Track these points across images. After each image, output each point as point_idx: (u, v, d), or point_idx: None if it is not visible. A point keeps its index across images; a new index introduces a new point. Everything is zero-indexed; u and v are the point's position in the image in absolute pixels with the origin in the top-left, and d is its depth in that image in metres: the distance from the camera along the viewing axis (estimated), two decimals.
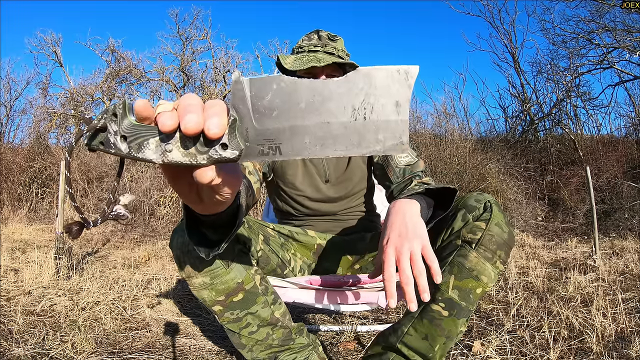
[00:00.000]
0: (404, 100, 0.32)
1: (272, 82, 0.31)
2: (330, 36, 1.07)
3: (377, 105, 0.31)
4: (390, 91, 0.31)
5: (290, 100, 0.31)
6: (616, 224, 3.89)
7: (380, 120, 0.31)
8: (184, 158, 0.31)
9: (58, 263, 2.06)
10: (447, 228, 0.80)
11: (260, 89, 0.31)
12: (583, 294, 1.75)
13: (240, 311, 0.79)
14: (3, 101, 6.37)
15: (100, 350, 1.26)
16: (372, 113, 0.31)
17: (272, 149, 0.32)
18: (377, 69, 0.31)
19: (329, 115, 0.31)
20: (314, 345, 0.91)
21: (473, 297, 0.73)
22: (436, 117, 6.34)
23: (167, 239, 3.56)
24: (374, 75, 0.31)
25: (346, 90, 0.31)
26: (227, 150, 0.31)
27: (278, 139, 0.31)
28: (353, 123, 0.31)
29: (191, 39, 6.69)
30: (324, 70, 1.04)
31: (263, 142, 0.31)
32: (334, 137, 0.31)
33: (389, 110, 0.32)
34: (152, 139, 0.31)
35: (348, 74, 0.32)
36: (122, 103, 0.32)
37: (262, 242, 0.90)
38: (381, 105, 0.31)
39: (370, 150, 0.31)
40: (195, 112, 0.31)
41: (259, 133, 0.31)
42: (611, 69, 5.76)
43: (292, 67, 1.01)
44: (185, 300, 1.81)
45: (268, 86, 0.31)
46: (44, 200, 4.82)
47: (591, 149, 5.42)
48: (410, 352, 0.78)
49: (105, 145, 0.32)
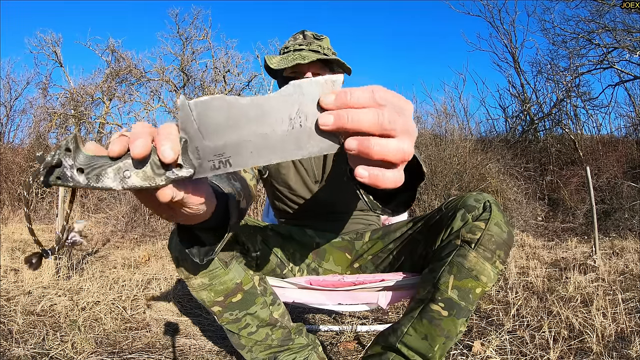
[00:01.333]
0: None
1: (215, 102, 0.34)
2: (316, 35, 1.09)
3: (310, 114, 0.34)
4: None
5: (233, 118, 0.34)
6: (616, 224, 3.89)
7: (314, 125, 0.34)
8: (143, 182, 0.34)
9: (58, 263, 2.06)
10: (446, 228, 0.80)
11: (204, 109, 0.34)
12: (583, 294, 1.75)
13: (239, 312, 0.80)
14: (3, 101, 6.38)
15: (100, 350, 1.26)
16: (307, 120, 0.34)
17: (223, 162, 0.35)
18: (307, 80, 0.34)
19: (269, 126, 0.34)
20: (313, 346, 0.91)
21: (472, 297, 0.73)
22: (436, 117, 6.34)
23: (167, 239, 3.56)
24: (305, 86, 0.34)
25: (283, 103, 0.34)
26: (182, 169, 0.34)
27: (226, 153, 0.35)
28: (290, 131, 0.34)
29: (191, 39, 6.69)
30: (310, 68, 1.04)
31: (213, 158, 0.35)
32: (274, 146, 0.34)
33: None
34: (109, 168, 0.33)
35: (282, 88, 0.34)
36: (74, 137, 0.33)
37: (260, 242, 0.90)
38: (313, 113, 0.34)
39: (309, 152, 0.34)
40: (142, 136, 0.33)
41: (208, 150, 0.34)
42: (611, 69, 5.76)
43: (277, 67, 1.03)
44: (185, 300, 1.81)
45: (211, 107, 0.34)
46: (44, 200, 4.82)
47: (591, 149, 5.42)
48: (409, 352, 0.78)
49: (62, 179, 0.33)
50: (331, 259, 1.07)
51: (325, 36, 1.11)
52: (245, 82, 6.49)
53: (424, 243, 0.89)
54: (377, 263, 1.01)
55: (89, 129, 6.44)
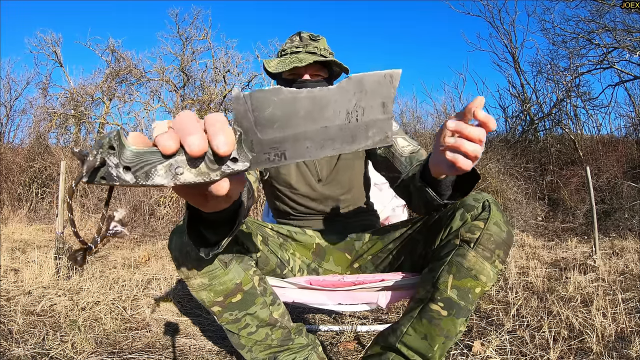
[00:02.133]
0: (389, 100, 0.35)
1: (272, 95, 0.33)
2: (312, 36, 1.10)
3: (367, 107, 0.34)
4: (378, 94, 0.35)
5: (291, 111, 0.33)
6: (616, 224, 3.89)
7: (370, 119, 0.35)
8: (196, 177, 0.32)
9: (58, 263, 2.06)
10: (445, 227, 0.80)
11: (260, 102, 0.33)
12: (583, 294, 1.75)
13: (239, 312, 0.80)
14: (3, 101, 6.38)
15: (100, 350, 1.26)
16: (363, 115, 0.34)
17: (278, 155, 0.34)
18: (367, 75, 0.34)
19: (326, 120, 0.34)
20: (313, 346, 0.91)
21: (472, 296, 0.73)
22: (436, 117, 6.34)
23: (167, 239, 3.57)
24: (365, 81, 0.34)
25: (340, 97, 0.34)
26: (237, 163, 0.33)
27: (282, 146, 0.34)
28: (347, 125, 0.34)
29: (191, 39, 6.69)
30: (307, 70, 1.05)
31: (269, 151, 0.34)
32: (331, 139, 0.34)
33: (377, 111, 0.35)
34: (159, 165, 0.32)
35: (341, 82, 0.34)
36: (117, 134, 0.32)
37: (260, 242, 0.90)
38: (370, 107, 0.35)
39: (362, 146, 0.35)
40: (195, 132, 0.31)
41: (264, 143, 0.34)
42: (611, 69, 5.75)
43: (275, 70, 1.03)
44: (185, 300, 1.81)
45: (268, 99, 0.33)
46: (44, 200, 4.82)
47: (591, 149, 5.42)
48: (409, 352, 0.78)
49: (107, 179, 0.32)
50: (331, 259, 1.07)
51: (322, 37, 1.11)
52: (246, 82, 6.48)
53: (423, 243, 0.89)
54: (376, 263, 1.01)
55: (89, 129, 6.44)
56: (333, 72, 1.12)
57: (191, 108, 6.11)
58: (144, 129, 5.69)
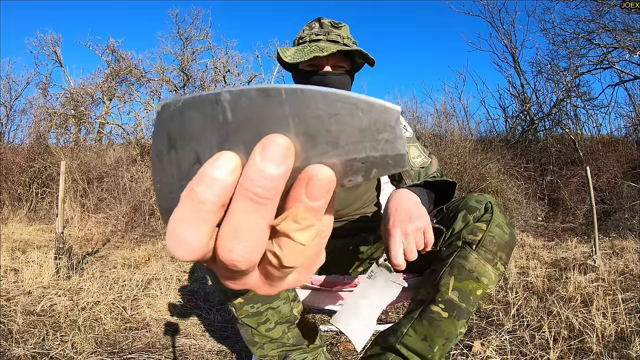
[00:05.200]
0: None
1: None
2: (334, 23, 0.98)
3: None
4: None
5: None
6: (616, 224, 3.89)
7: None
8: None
9: (58, 263, 2.06)
10: (447, 229, 0.80)
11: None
12: (583, 294, 1.75)
13: (261, 305, 0.77)
14: (3, 101, 6.37)
15: (100, 350, 1.26)
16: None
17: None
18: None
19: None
20: (323, 346, 0.91)
21: (473, 298, 0.73)
22: (436, 117, 6.34)
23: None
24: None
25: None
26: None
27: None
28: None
29: (191, 39, 6.69)
30: (329, 60, 0.95)
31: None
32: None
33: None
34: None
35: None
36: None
37: None
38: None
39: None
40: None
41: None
42: (611, 69, 5.75)
43: (292, 60, 0.92)
44: (185, 300, 1.81)
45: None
46: (44, 200, 4.82)
47: (591, 149, 5.41)
48: (409, 353, 0.78)
49: None
50: (335, 262, 1.07)
51: (345, 24, 1.00)
52: (246, 82, 6.48)
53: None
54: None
55: (89, 129, 6.44)
56: (356, 63, 1.00)
57: None
58: (144, 129, 5.68)
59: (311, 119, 0.17)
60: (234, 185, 0.17)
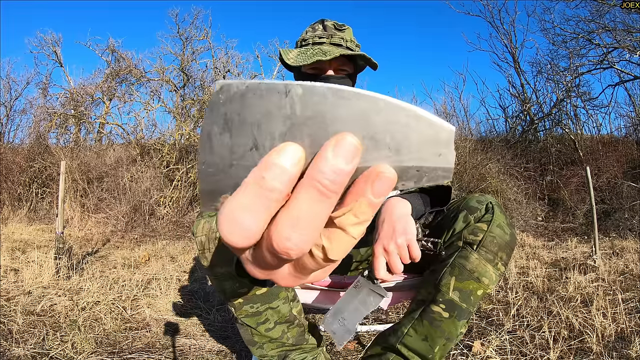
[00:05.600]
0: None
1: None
2: (337, 25, 0.98)
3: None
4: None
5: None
6: (616, 224, 3.89)
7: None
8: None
9: (58, 263, 2.06)
10: (448, 229, 0.80)
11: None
12: (583, 294, 1.75)
13: (261, 305, 0.77)
14: (3, 101, 6.37)
15: (100, 350, 1.26)
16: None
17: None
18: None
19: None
20: (322, 346, 0.91)
21: (474, 298, 0.73)
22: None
23: (167, 239, 3.56)
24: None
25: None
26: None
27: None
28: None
29: (191, 39, 6.68)
30: (332, 64, 0.94)
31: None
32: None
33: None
34: None
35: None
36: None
37: None
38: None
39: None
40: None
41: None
42: (611, 69, 5.75)
43: (295, 63, 0.92)
44: (185, 300, 1.81)
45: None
46: (44, 200, 4.82)
47: (591, 149, 5.41)
48: (409, 353, 0.78)
49: None
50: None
51: (348, 26, 0.99)
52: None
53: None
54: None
55: (89, 129, 6.44)
56: (358, 65, 1.00)
57: (191, 108, 6.10)
58: (143, 129, 5.68)
59: (379, 124, 0.18)
60: (297, 176, 0.17)
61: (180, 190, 4.74)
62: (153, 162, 4.97)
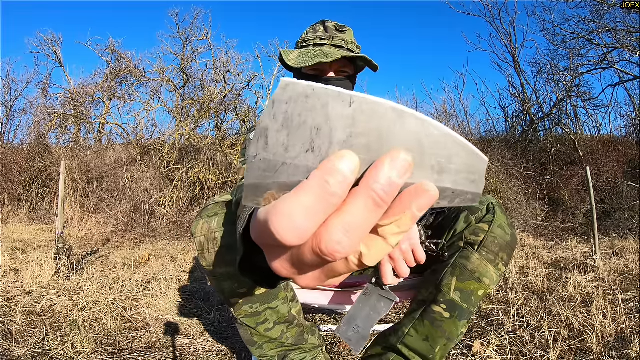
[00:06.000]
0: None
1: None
2: (338, 27, 0.98)
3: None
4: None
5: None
6: (616, 224, 3.89)
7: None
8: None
9: (58, 263, 2.05)
10: (449, 230, 0.80)
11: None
12: (583, 294, 1.75)
13: (260, 305, 0.77)
14: (3, 101, 6.37)
15: (100, 350, 1.26)
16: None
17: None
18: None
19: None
20: (322, 346, 0.91)
21: (475, 298, 0.73)
22: (436, 117, 6.34)
23: (167, 239, 3.56)
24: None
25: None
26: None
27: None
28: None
29: (191, 39, 6.67)
30: (333, 66, 0.95)
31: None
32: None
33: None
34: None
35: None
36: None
37: None
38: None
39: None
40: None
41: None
42: (611, 69, 5.75)
43: (296, 64, 0.93)
44: (185, 300, 1.81)
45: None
46: (44, 200, 4.82)
47: (591, 149, 5.41)
48: (410, 353, 0.78)
49: None
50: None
51: (349, 28, 1.00)
52: (245, 82, 6.48)
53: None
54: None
55: (89, 129, 6.44)
56: (358, 67, 1.01)
57: (191, 108, 6.10)
58: (143, 129, 5.68)
59: (428, 146, 0.20)
60: (352, 184, 0.18)
61: (180, 190, 4.74)
62: (153, 162, 4.97)
